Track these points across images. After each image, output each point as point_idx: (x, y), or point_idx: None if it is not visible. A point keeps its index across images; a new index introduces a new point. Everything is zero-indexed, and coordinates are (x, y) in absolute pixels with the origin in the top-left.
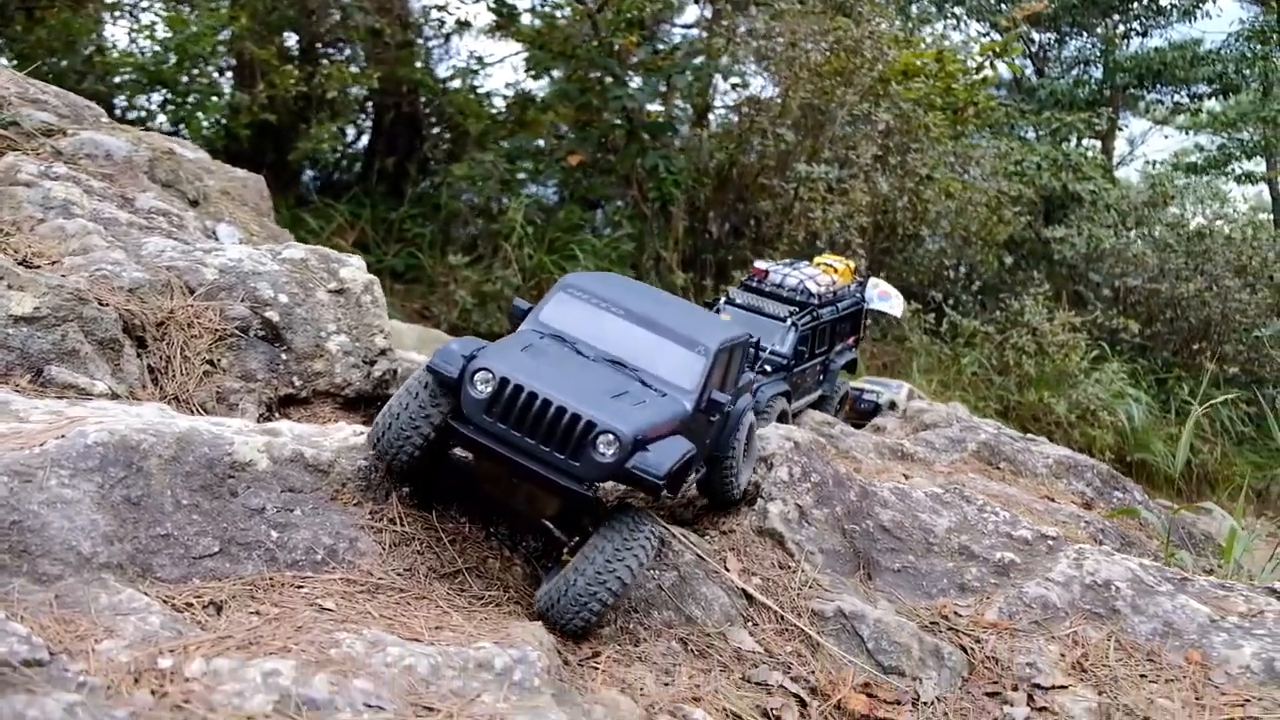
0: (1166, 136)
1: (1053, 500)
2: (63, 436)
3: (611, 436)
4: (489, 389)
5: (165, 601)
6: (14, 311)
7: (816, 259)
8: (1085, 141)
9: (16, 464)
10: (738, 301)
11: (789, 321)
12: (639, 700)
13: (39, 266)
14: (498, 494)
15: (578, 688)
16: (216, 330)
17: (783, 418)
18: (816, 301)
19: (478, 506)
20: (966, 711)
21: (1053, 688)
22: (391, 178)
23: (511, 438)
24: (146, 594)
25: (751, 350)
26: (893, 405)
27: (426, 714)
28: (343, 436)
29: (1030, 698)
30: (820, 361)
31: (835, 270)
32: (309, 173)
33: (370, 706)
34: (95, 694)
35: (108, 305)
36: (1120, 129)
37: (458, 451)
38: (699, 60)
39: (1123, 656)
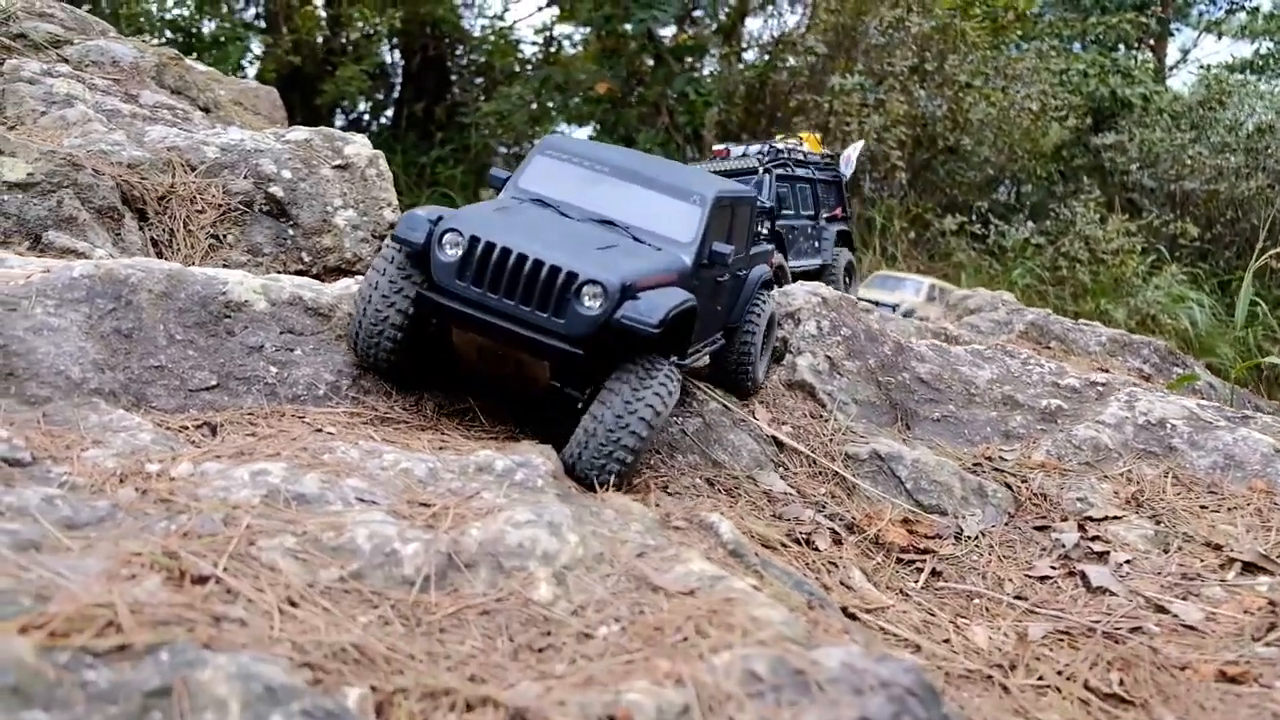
0: (1219, 38)
1: (1106, 372)
2: (48, 270)
3: (598, 287)
4: (459, 251)
5: (159, 425)
6: (7, 178)
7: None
8: (1134, 50)
9: (1, 295)
10: (713, 171)
11: (761, 169)
12: (654, 510)
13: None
14: (485, 369)
15: (579, 501)
16: (220, 205)
17: (780, 277)
18: (785, 156)
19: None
20: (1013, 543)
21: (1105, 519)
22: (421, 122)
23: (488, 301)
24: (139, 419)
25: (764, 219)
26: (910, 314)
27: (421, 509)
28: (344, 284)
29: (1081, 528)
30: (809, 224)
31: (800, 139)
32: (339, 120)
33: (363, 501)
34: (78, 491)
35: (103, 174)
36: (1171, 34)
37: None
38: None
39: (1181, 490)
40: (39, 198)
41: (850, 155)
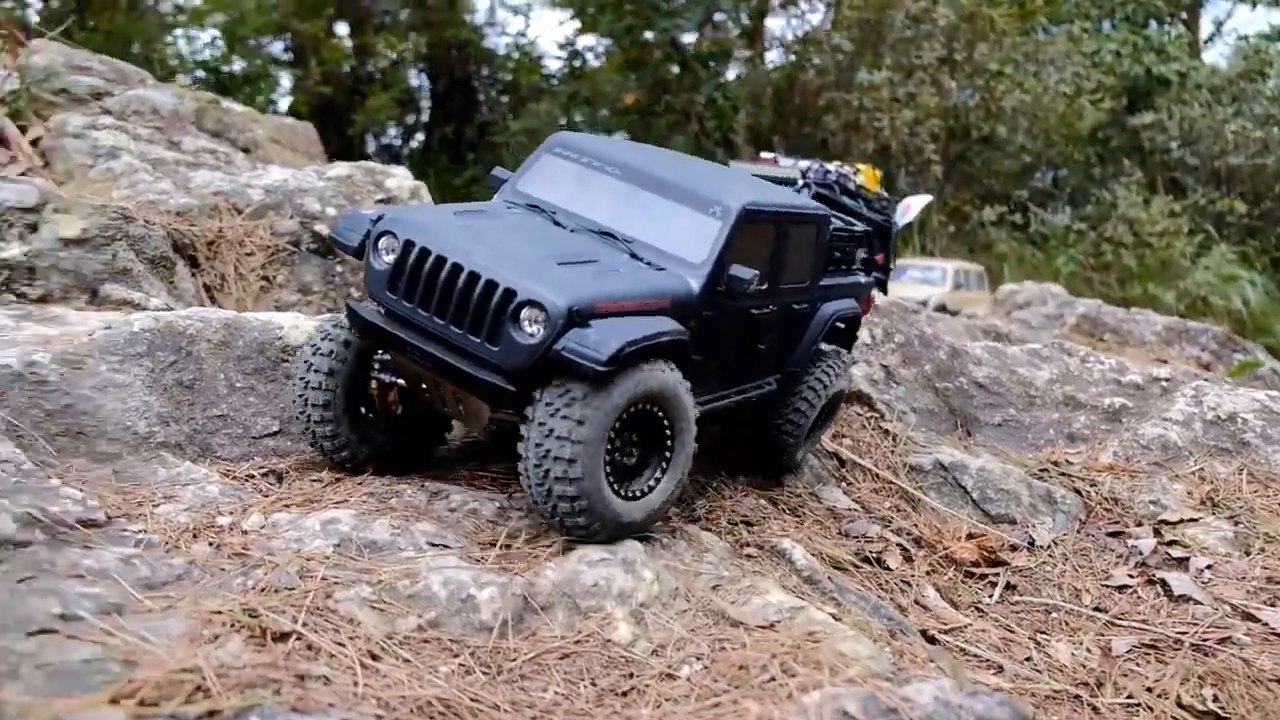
0: (1254, 6)
1: (1165, 363)
2: (109, 326)
3: (537, 310)
4: (393, 256)
5: (225, 475)
6: (63, 235)
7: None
8: (1166, 25)
9: (65, 354)
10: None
11: (800, 183)
12: (724, 537)
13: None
14: (424, 398)
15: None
16: (268, 246)
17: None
18: (834, 178)
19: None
20: (1087, 551)
21: (1181, 521)
22: (452, 144)
23: (417, 318)
24: (206, 469)
25: (845, 239)
26: (943, 308)
27: (493, 551)
28: None
29: (1157, 532)
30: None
31: (857, 169)
32: (371, 144)
33: (434, 545)
34: (153, 549)
35: (154, 224)
36: (1203, 5)
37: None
38: None
39: (1258, 488)
40: (94, 252)
41: (911, 205)
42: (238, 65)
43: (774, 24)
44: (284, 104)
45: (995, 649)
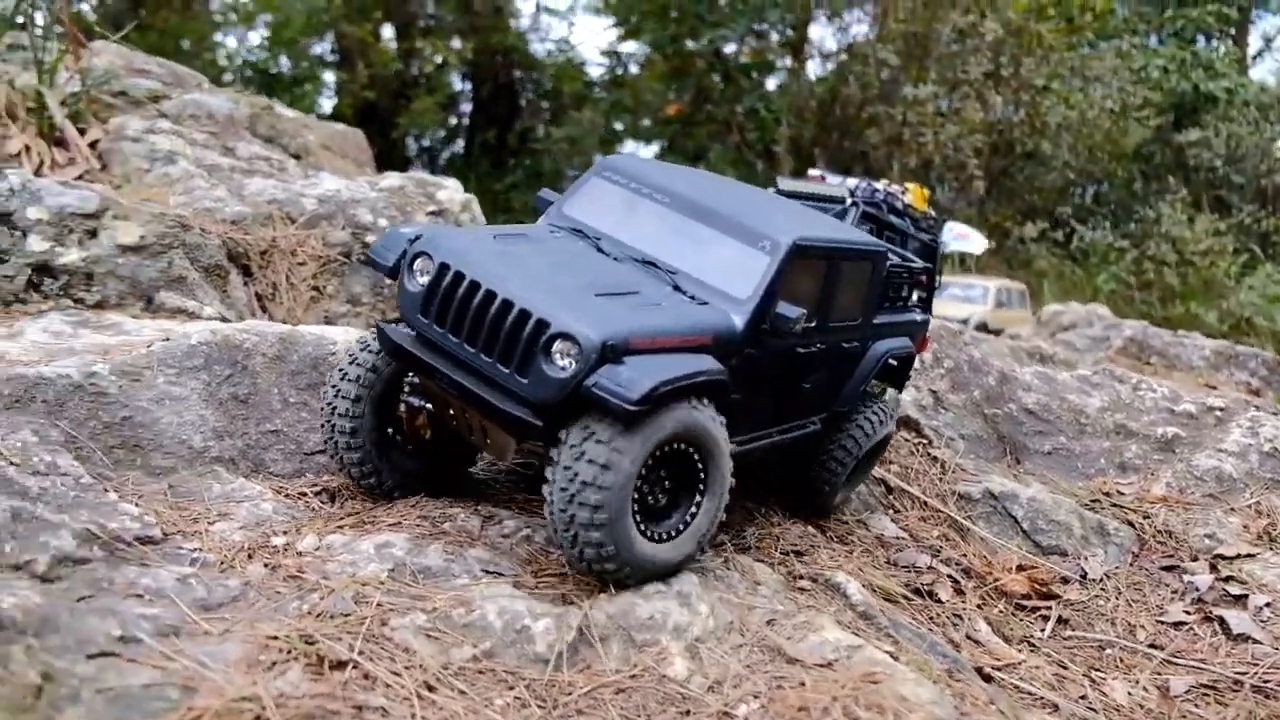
0: None
1: (1214, 389)
2: (167, 339)
3: (570, 342)
4: (427, 279)
5: (278, 492)
6: (121, 241)
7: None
8: (1215, 41)
9: (124, 365)
10: (783, 190)
11: (850, 200)
12: (777, 569)
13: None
14: (451, 425)
15: (704, 565)
16: (320, 256)
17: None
18: (881, 197)
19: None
20: (1141, 585)
21: (1238, 556)
22: (493, 149)
23: (448, 344)
24: (259, 486)
25: (903, 276)
26: (984, 327)
27: (548, 580)
28: None
29: (1213, 567)
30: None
31: (905, 188)
32: (412, 147)
33: (488, 573)
34: (209, 569)
35: (210, 233)
36: (1252, 22)
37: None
38: None
39: None
40: (150, 259)
41: (970, 237)
42: (284, 65)
43: (816, 33)
44: (327, 106)
45: (1050, 686)
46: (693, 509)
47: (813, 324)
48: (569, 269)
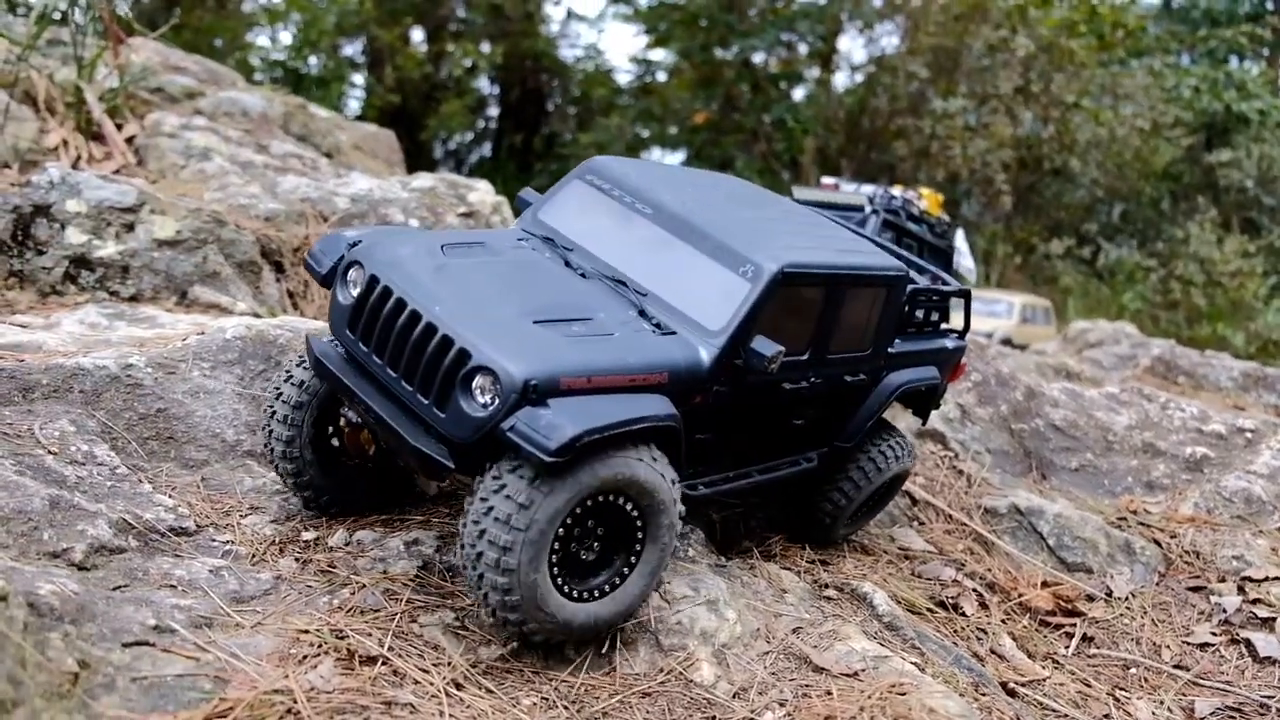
0: None
1: (1243, 410)
2: (202, 332)
3: (489, 377)
4: (358, 291)
5: None
6: (158, 235)
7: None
8: (1247, 62)
9: (160, 357)
10: (800, 199)
11: (870, 208)
12: (802, 576)
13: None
14: (383, 444)
15: (731, 571)
16: None
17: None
18: (900, 204)
19: None
20: (1167, 605)
21: (1266, 579)
22: (520, 153)
23: (371, 365)
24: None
25: (930, 299)
26: (1008, 342)
27: None
28: None
29: (1241, 589)
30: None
31: (919, 193)
32: (439, 150)
33: None
34: (241, 561)
35: (244, 229)
36: None
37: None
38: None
39: None
40: (186, 254)
41: (964, 249)
42: (313, 64)
43: (845, 44)
44: (354, 106)
45: (1074, 704)
46: (624, 568)
47: (804, 356)
48: (516, 288)
